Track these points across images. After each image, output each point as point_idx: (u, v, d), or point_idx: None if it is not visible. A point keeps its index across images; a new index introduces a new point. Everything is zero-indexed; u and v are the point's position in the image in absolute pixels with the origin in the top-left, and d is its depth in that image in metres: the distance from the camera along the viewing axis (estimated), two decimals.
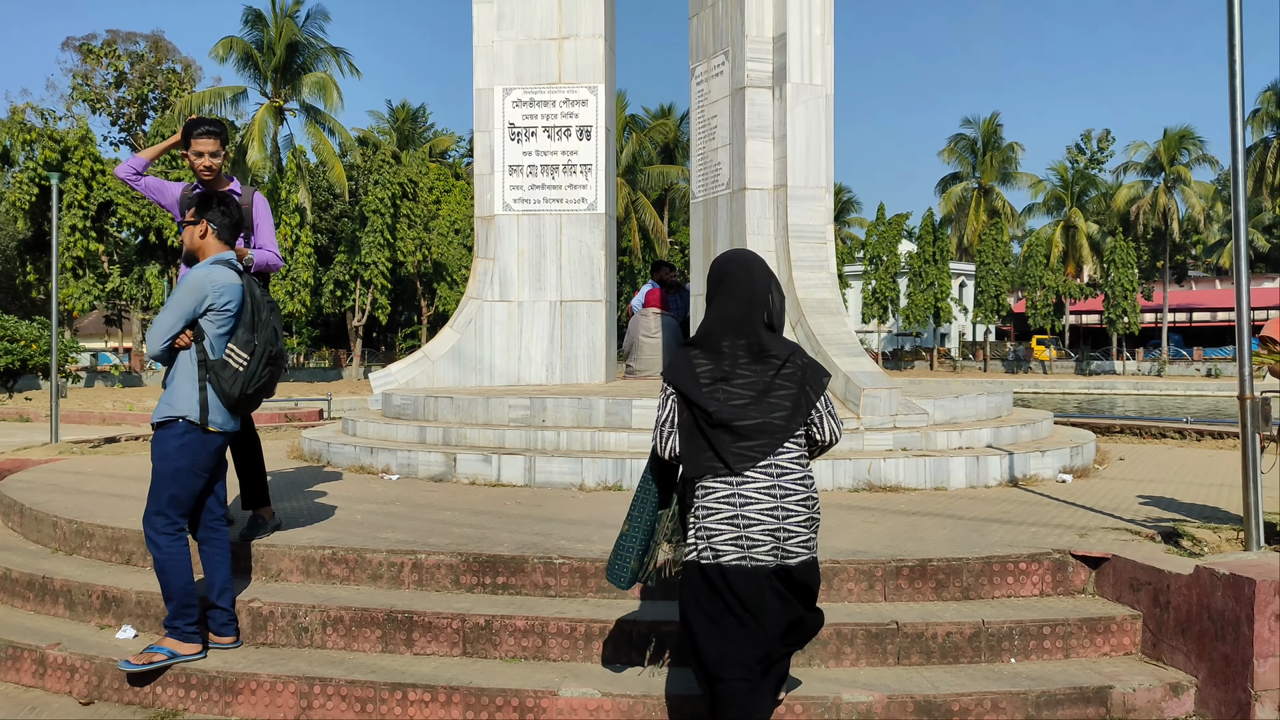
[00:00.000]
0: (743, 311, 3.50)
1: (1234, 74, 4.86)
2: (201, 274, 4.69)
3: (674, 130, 64.16)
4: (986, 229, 60.48)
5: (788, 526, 3.38)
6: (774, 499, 3.37)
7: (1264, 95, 55.22)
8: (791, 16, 9.59)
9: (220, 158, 5.76)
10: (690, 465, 3.46)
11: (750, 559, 3.36)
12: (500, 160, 10.95)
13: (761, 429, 3.38)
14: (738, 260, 3.60)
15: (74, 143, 33.57)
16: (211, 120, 5.84)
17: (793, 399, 3.45)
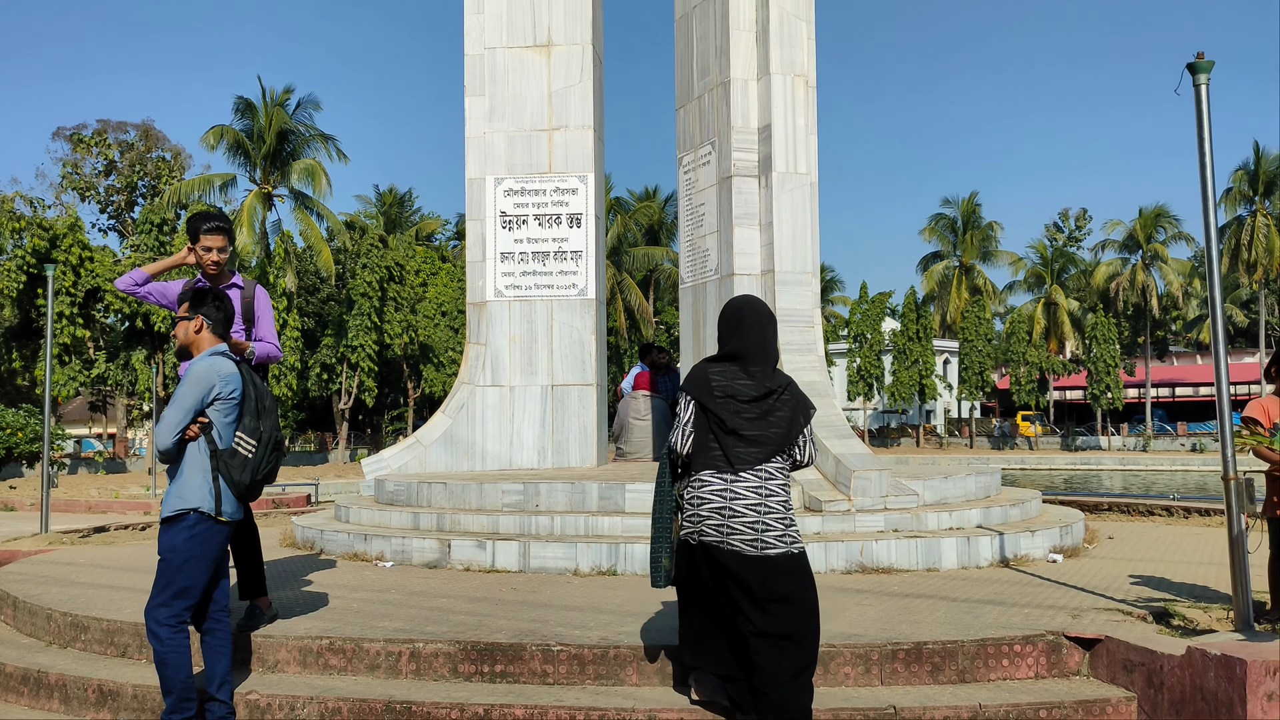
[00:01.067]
0: (757, 346, 4.34)
1: (1204, 166, 5.06)
2: (206, 365, 4.77)
3: (659, 212, 64.98)
4: (969, 306, 61.10)
5: (766, 521, 4.17)
6: (759, 497, 4.18)
7: (1236, 174, 56.36)
8: (776, 109, 9.88)
9: (227, 253, 5.88)
10: (699, 461, 4.29)
11: (727, 543, 4.17)
12: (492, 247, 11.14)
13: (761, 440, 4.22)
14: (750, 305, 4.46)
15: (63, 230, 33.80)
16: (219, 215, 5.96)
17: (787, 421, 4.28)
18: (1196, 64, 5.35)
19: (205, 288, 5.20)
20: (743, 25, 10.33)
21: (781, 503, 4.21)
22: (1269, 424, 5.71)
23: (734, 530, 4.15)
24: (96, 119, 47.66)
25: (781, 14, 10.13)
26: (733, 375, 4.30)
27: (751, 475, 4.19)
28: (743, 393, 4.25)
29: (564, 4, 11.29)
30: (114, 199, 46.40)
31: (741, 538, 4.14)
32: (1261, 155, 56.09)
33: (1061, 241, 68.19)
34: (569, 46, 11.25)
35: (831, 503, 8.11)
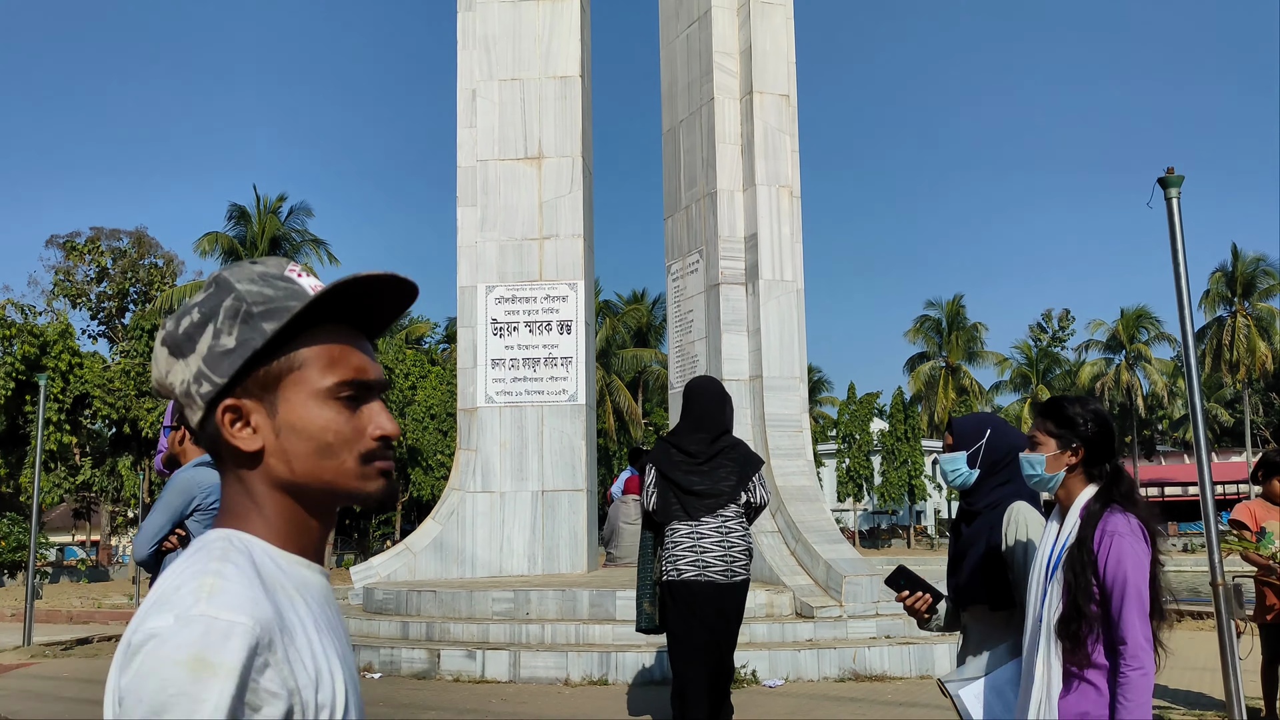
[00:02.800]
0: (701, 417, 5.22)
1: (1179, 277, 5.21)
2: (188, 476, 4.78)
3: (647, 314, 65.52)
4: (956, 407, 61.37)
5: (732, 554, 5.03)
6: (721, 535, 5.03)
7: (1214, 276, 57.27)
8: (762, 218, 10.12)
9: None
10: (670, 515, 5.11)
11: (704, 575, 4.97)
12: (483, 354, 11.25)
13: (712, 492, 5.05)
14: (698, 385, 5.36)
15: (53, 337, 33.89)
16: None
17: (736, 474, 5.11)
18: (1167, 178, 5.54)
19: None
20: (728, 139, 10.63)
21: (741, 538, 5.08)
22: (1255, 528, 5.76)
23: (707, 564, 4.99)
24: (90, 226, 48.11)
25: (766, 128, 10.45)
26: (685, 443, 5.18)
27: (711, 519, 5.05)
28: (692, 456, 5.12)
29: (554, 118, 11.61)
30: (105, 305, 46.64)
31: (715, 570, 4.99)
32: (1239, 257, 57.12)
33: (1045, 342, 68.82)
34: (559, 158, 11.53)
35: (823, 609, 8.08)
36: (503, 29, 11.80)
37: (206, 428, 1.02)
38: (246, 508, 1.01)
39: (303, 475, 1.00)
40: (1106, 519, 2.68)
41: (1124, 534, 2.63)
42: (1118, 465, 2.85)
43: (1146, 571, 2.64)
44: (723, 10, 10.94)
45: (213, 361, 0.99)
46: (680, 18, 11.66)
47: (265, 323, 0.98)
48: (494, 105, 11.68)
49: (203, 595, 0.87)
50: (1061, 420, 2.86)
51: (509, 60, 11.78)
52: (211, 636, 0.84)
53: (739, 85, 10.77)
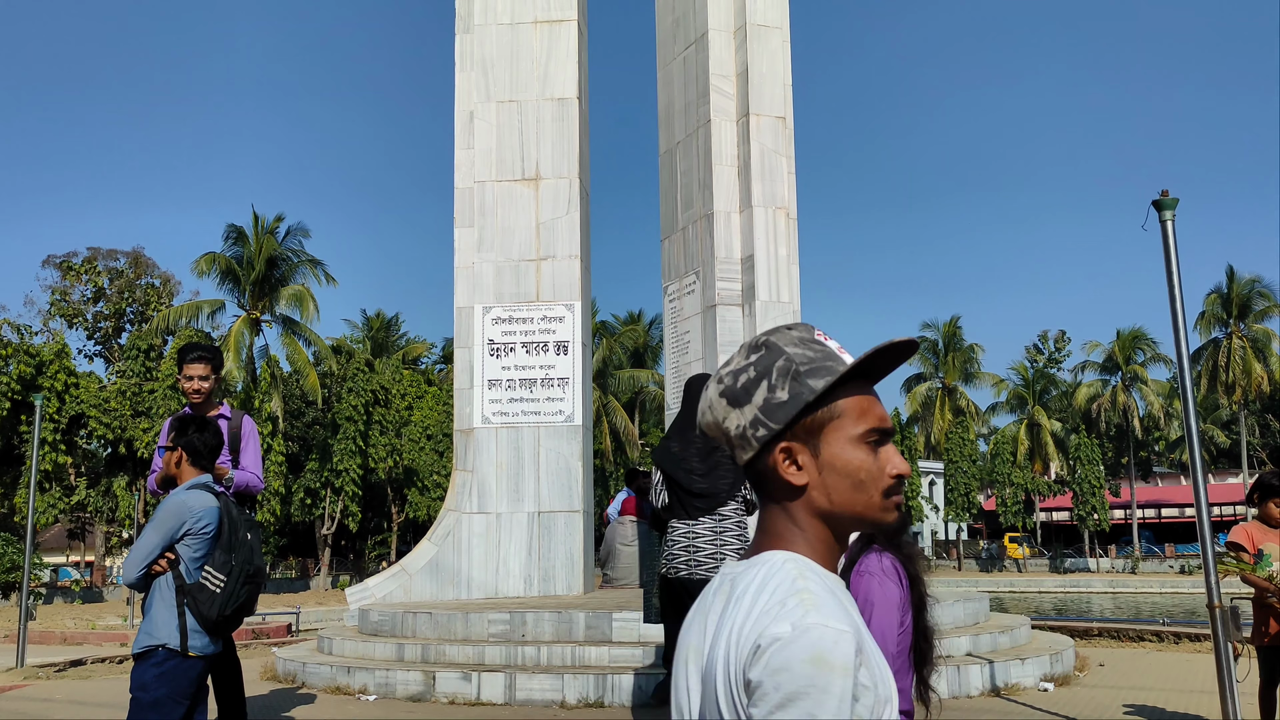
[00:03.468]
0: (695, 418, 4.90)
1: (1174, 299, 5.23)
2: (180, 499, 4.76)
3: (644, 335, 65.55)
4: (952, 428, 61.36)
5: (724, 551, 5.16)
6: (715, 534, 5.16)
7: (1209, 298, 57.41)
8: (758, 240, 10.15)
9: (210, 381, 5.90)
10: (668, 513, 5.31)
11: (695, 573, 5.13)
12: (480, 375, 11.25)
13: (710, 492, 5.18)
14: (696, 381, 5.54)
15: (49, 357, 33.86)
16: (205, 345, 6.02)
17: (733, 472, 5.22)
18: (1162, 201, 5.56)
19: (188, 416, 5.18)
20: (725, 160, 10.68)
21: (736, 536, 5.24)
22: (1253, 549, 5.76)
23: (699, 562, 5.16)
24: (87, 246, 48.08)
25: (762, 150, 10.49)
26: (685, 442, 5.33)
27: (709, 519, 5.22)
28: (692, 455, 5.27)
29: (551, 139, 11.65)
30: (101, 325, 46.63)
31: (705, 567, 5.14)
32: (1234, 278, 57.27)
33: (1042, 363, 68.91)
34: (556, 180, 11.57)
35: None
36: (500, 51, 11.86)
37: (756, 465, 1.25)
38: (792, 533, 1.24)
39: (839, 506, 1.22)
40: (863, 559, 2.68)
41: (873, 573, 2.62)
42: None
43: (895, 613, 2.59)
44: (720, 33, 11.01)
45: (769, 411, 1.22)
46: (677, 40, 11.73)
47: (811, 379, 1.22)
48: (491, 127, 11.73)
49: (809, 607, 1.09)
50: None
51: (506, 82, 11.84)
52: (826, 641, 1.06)
53: (736, 107, 10.83)
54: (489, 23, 11.92)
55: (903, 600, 2.64)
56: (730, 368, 1.26)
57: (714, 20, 11.03)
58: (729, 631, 1.13)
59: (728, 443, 1.26)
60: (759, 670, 1.07)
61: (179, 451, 4.90)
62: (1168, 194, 5.59)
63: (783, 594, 1.12)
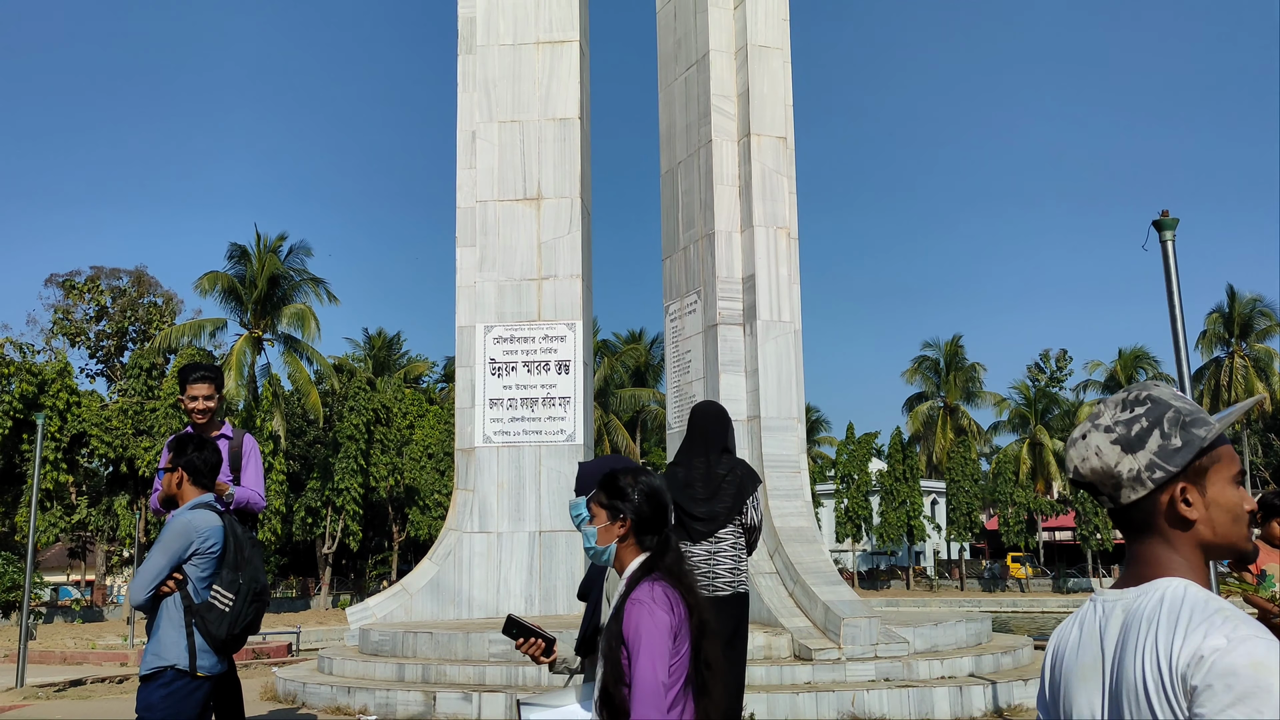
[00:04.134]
0: (701, 441, 5.55)
1: (1175, 319, 5.23)
2: (186, 519, 4.76)
3: (645, 354, 65.58)
4: (954, 447, 61.29)
5: (716, 570, 5.33)
6: (709, 554, 5.33)
7: (1210, 317, 57.44)
8: (759, 260, 10.17)
9: (214, 401, 5.91)
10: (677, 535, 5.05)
11: None
12: (481, 394, 11.25)
13: (710, 516, 5.33)
14: (697, 410, 5.68)
15: (52, 375, 33.89)
16: (207, 365, 6.02)
17: (733, 495, 5.38)
18: (1162, 221, 5.57)
19: (187, 435, 5.17)
20: (726, 180, 10.71)
21: (730, 556, 5.36)
22: (1256, 570, 5.75)
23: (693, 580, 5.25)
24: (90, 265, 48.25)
25: (763, 170, 10.52)
26: (689, 468, 5.52)
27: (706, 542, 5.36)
28: (696, 480, 5.45)
29: (553, 159, 11.69)
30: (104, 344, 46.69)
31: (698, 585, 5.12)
32: (1235, 298, 57.33)
33: (1044, 382, 68.88)
34: (558, 199, 11.61)
35: (822, 651, 8.04)
36: (502, 72, 11.91)
37: (1143, 504, 1.45)
38: (1175, 561, 1.43)
39: (1220, 539, 1.43)
40: (638, 588, 2.68)
41: (643, 601, 2.62)
42: (666, 536, 2.89)
43: (664, 641, 2.58)
44: (721, 54, 11.06)
45: (1165, 455, 1.42)
46: (679, 61, 11.78)
47: (1196, 429, 1.43)
48: (493, 147, 11.77)
49: (1236, 622, 1.29)
50: (613, 492, 2.92)
51: (508, 102, 11.89)
52: (1260, 650, 1.26)
53: (737, 128, 10.87)
54: (491, 44, 11.98)
55: (674, 628, 2.63)
56: (1116, 418, 1.48)
57: (715, 41, 11.08)
58: (1154, 647, 1.34)
59: (1114, 485, 1.46)
60: (1205, 675, 1.27)
61: (179, 472, 4.90)
62: (1168, 214, 5.61)
63: (1206, 612, 1.32)
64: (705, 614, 2.71)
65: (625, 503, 2.88)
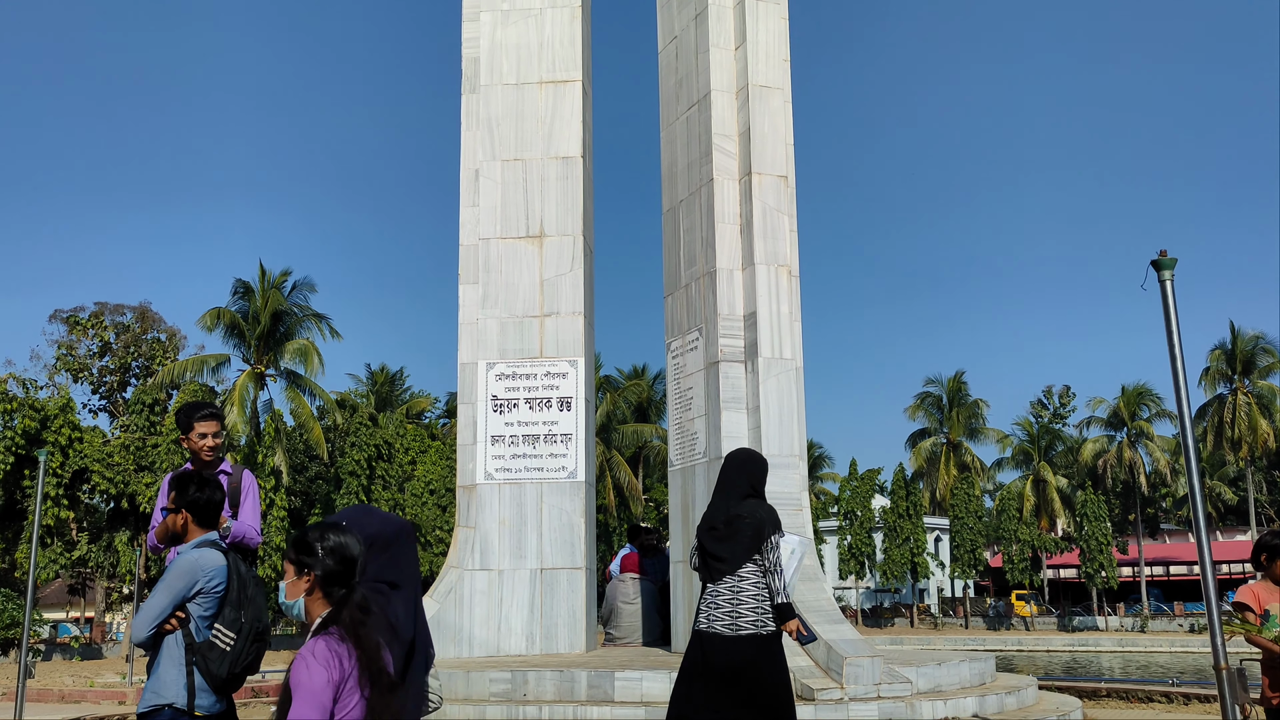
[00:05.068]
0: (723, 484, 5.84)
1: (1175, 359, 5.25)
2: (192, 558, 4.76)
3: (648, 389, 65.55)
4: (958, 483, 61.12)
5: (739, 610, 5.48)
6: (733, 593, 5.51)
7: (1213, 354, 57.44)
8: (761, 297, 10.20)
9: (221, 438, 5.94)
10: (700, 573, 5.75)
11: (710, 628, 5.51)
12: (483, 431, 11.25)
13: (727, 556, 5.55)
14: (728, 455, 5.98)
15: (54, 411, 33.92)
16: (210, 404, 6.06)
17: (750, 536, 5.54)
18: (1160, 261, 5.60)
19: (188, 473, 5.17)
20: (728, 219, 10.77)
21: (753, 597, 5.51)
22: (1259, 610, 5.72)
23: (716, 619, 5.51)
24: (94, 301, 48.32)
25: (764, 208, 10.59)
26: (713, 509, 5.79)
27: (730, 578, 5.53)
28: (715, 521, 5.70)
29: (556, 197, 11.77)
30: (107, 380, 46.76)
31: (722, 623, 5.48)
32: (1238, 334, 57.34)
33: (1047, 418, 68.82)
34: (560, 237, 11.67)
35: (824, 690, 7.99)
36: (506, 111, 12.02)
37: None
38: None
39: None
40: (306, 642, 2.79)
41: (304, 656, 2.73)
42: (349, 590, 3.00)
43: (316, 695, 2.69)
44: (722, 94, 11.16)
45: None
46: (680, 100, 11.89)
47: None
48: (496, 184, 11.86)
49: None
50: (300, 548, 3.05)
51: (512, 141, 11.99)
52: None
53: (738, 166, 10.95)
54: (495, 83, 12.10)
55: (335, 682, 2.71)
56: None
57: (716, 81, 11.19)
58: None
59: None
60: None
61: (184, 513, 4.90)
62: (1165, 254, 5.64)
63: None
64: (379, 666, 2.82)
65: (311, 558, 3.00)
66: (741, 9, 11.23)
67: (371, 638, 2.90)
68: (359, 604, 2.97)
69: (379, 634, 2.95)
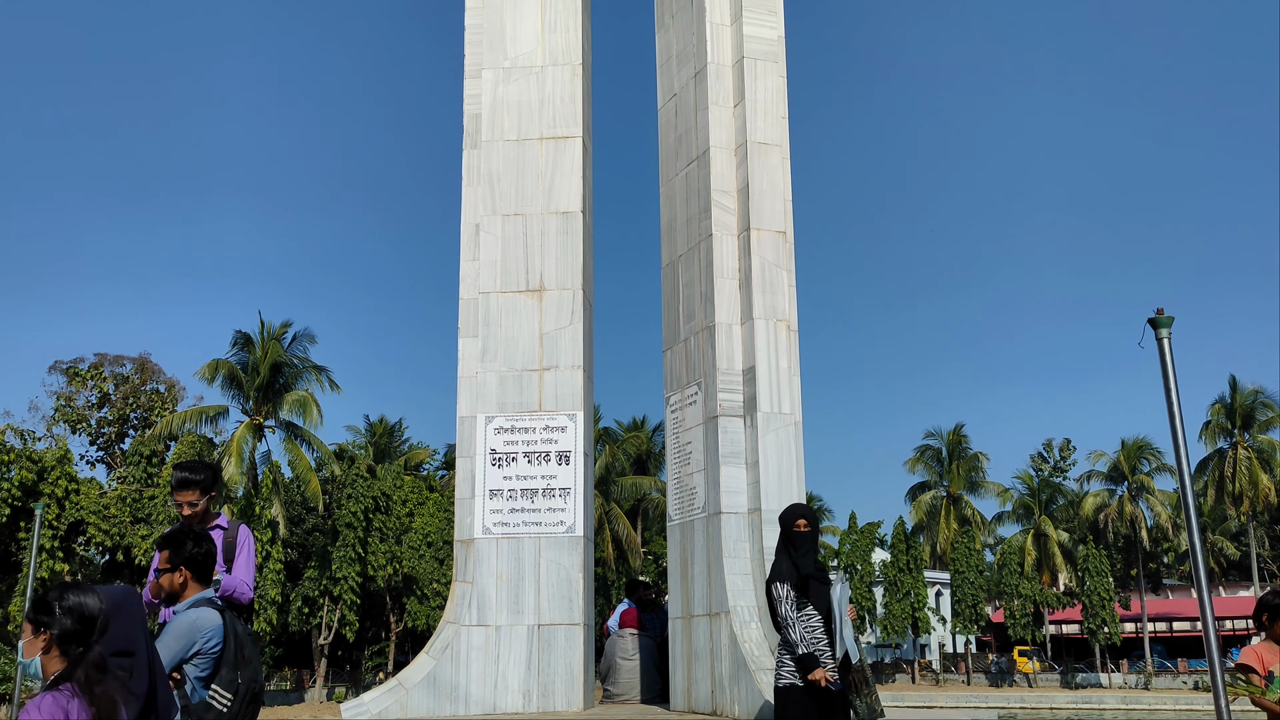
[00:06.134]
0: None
1: (1174, 416, 5.25)
2: (190, 618, 4.72)
3: (647, 441, 65.42)
4: (958, 537, 60.80)
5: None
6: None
7: (1214, 408, 57.43)
8: (760, 351, 10.23)
9: (202, 504, 5.94)
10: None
11: None
12: (481, 485, 11.22)
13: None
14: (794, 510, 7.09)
15: (51, 463, 33.82)
16: (196, 465, 6.03)
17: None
18: (1157, 319, 5.62)
19: (183, 530, 5.13)
20: (726, 273, 10.83)
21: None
22: (1263, 671, 5.67)
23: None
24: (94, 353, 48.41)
25: (763, 263, 10.65)
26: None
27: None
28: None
29: (556, 251, 11.83)
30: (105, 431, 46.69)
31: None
32: (1237, 389, 57.33)
33: (1047, 472, 68.57)
34: (560, 291, 11.71)
35: None
36: (506, 166, 12.12)
37: None
38: None
39: None
40: (40, 698, 2.91)
41: (28, 709, 2.83)
42: (86, 649, 3.11)
43: None
44: (721, 150, 11.27)
45: None
46: (680, 157, 12.00)
47: None
48: (497, 239, 11.93)
49: None
50: (39, 608, 3.18)
51: (512, 196, 12.07)
52: None
53: (737, 222, 11.02)
54: (496, 139, 12.21)
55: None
56: None
57: (715, 138, 11.31)
58: None
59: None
60: None
61: (181, 573, 4.88)
62: (1162, 312, 5.66)
63: None
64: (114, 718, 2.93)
65: (49, 617, 3.13)
66: (740, 68, 11.37)
67: (108, 695, 3.00)
68: (95, 661, 3.07)
69: (115, 692, 3.05)
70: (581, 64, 12.47)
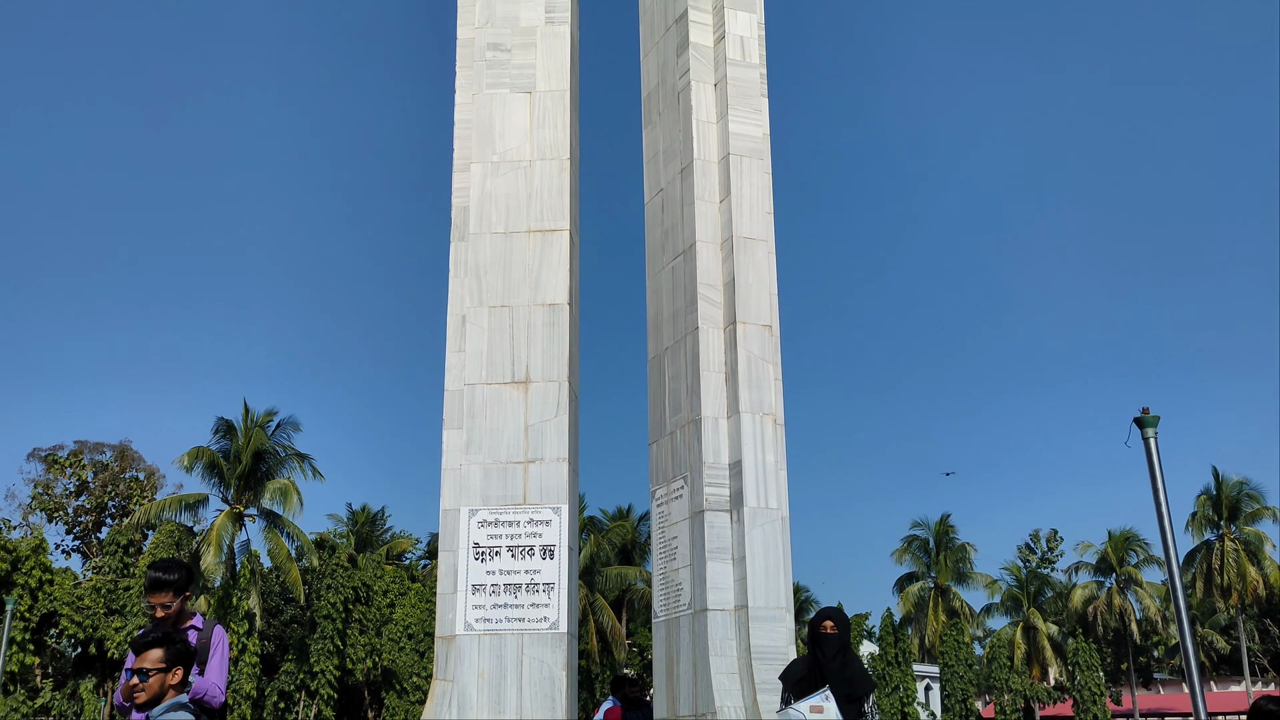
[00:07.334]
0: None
1: (1162, 515, 5.21)
2: None
3: (632, 531, 64.81)
4: (947, 629, 60.07)
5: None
6: None
7: (1200, 500, 57.35)
8: (746, 446, 10.18)
9: (175, 605, 5.84)
10: None
11: None
12: (463, 579, 11.04)
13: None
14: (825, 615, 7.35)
15: (26, 552, 33.29)
16: (170, 565, 5.93)
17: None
18: (1143, 419, 5.63)
19: (171, 634, 5.04)
20: (712, 367, 10.83)
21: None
22: None
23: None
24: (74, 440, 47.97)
25: (749, 357, 10.66)
26: None
27: None
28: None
29: (542, 343, 11.83)
30: (82, 520, 46.05)
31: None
32: (1222, 481, 57.36)
33: (1035, 563, 68.20)
34: (546, 383, 11.68)
35: None
36: (494, 259, 12.18)
37: None
38: None
39: None
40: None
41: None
42: None
43: None
44: (707, 245, 11.37)
45: None
46: (666, 251, 12.10)
47: None
48: (483, 331, 11.93)
49: None
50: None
51: (499, 288, 12.11)
52: None
53: (723, 315, 11.07)
54: (484, 231, 12.29)
55: None
56: None
57: (701, 232, 11.41)
58: None
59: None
60: None
61: (178, 671, 4.76)
62: (1148, 411, 5.67)
63: None
64: None
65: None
66: (726, 164, 11.54)
67: None
68: None
69: None
70: (569, 159, 12.63)
